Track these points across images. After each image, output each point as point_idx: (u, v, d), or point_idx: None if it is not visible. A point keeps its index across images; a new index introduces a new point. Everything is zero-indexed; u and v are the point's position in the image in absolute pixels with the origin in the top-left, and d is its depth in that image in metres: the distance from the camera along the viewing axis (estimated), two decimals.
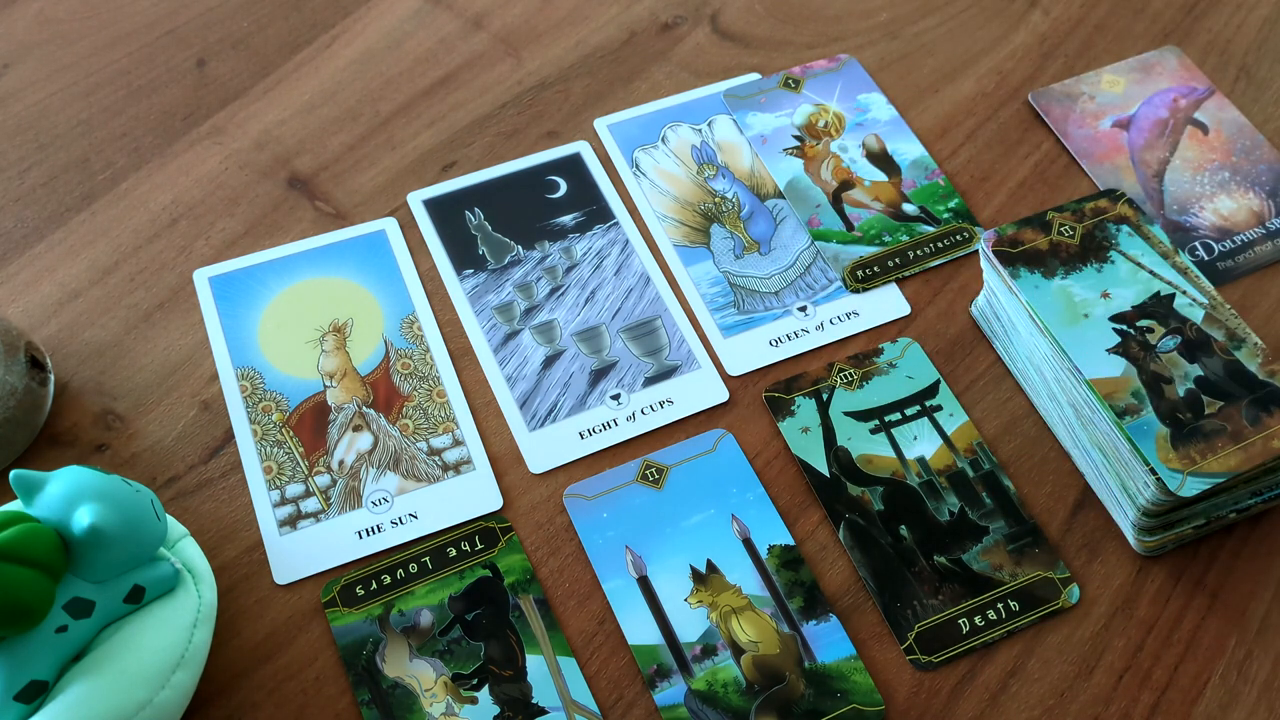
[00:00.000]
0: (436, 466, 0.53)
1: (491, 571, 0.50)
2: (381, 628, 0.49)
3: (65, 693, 0.42)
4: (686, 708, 0.47)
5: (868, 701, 0.47)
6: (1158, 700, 0.47)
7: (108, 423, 0.54)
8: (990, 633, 0.49)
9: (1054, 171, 0.64)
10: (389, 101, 0.66)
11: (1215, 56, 0.69)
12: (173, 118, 0.65)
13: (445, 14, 0.70)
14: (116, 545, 0.43)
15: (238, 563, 0.51)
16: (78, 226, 0.61)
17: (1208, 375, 0.49)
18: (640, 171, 0.63)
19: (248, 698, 0.47)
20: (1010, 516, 0.52)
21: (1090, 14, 0.71)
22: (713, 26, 0.70)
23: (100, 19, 0.70)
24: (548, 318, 0.58)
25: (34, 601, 0.40)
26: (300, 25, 0.70)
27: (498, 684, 0.47)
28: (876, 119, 0.66)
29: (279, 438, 0.54)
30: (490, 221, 0.62)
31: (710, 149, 0.64)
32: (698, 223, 0.62)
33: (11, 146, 0.64)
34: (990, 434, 0.54)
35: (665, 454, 0.54)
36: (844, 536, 0.51)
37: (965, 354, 0.57)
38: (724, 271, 0.60)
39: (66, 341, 0.57)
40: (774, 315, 0.58)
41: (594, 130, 0.65)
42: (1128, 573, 0.50)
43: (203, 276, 0.59)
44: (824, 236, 0.61)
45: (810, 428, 0.54)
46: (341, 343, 0.57)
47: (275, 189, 0.63)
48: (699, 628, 0.49)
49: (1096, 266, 0.52)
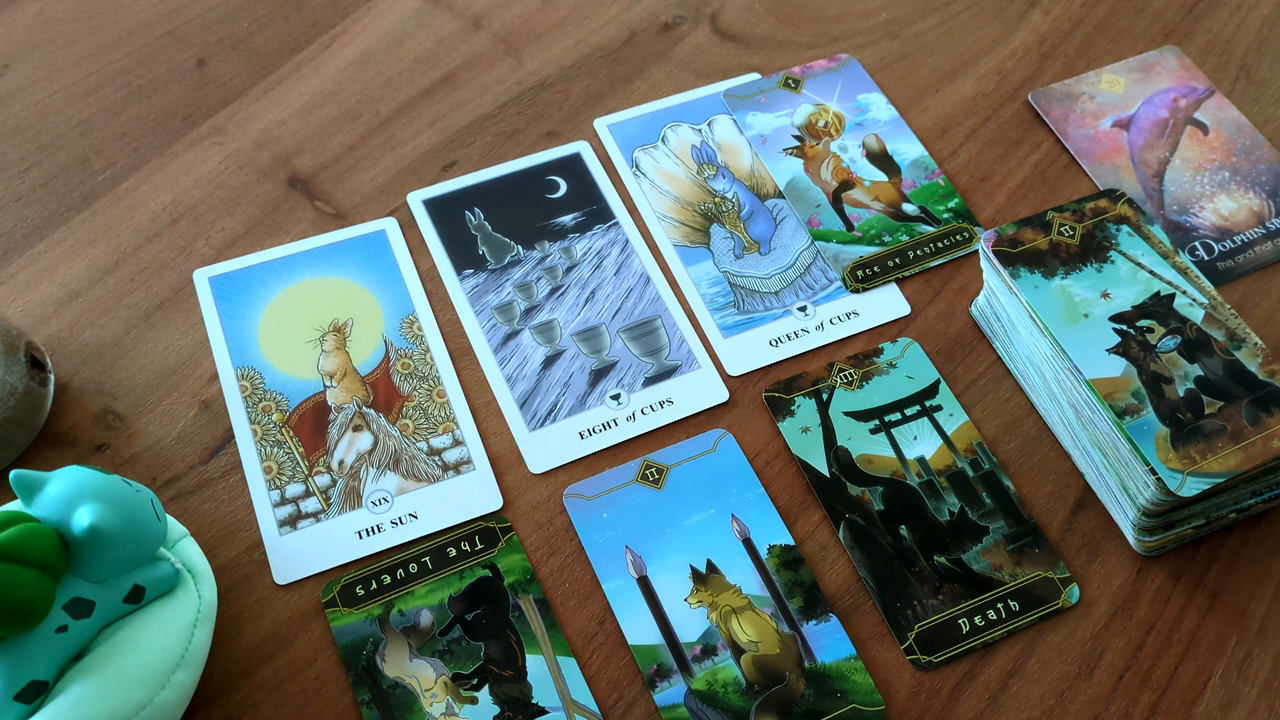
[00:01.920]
0: (436, 466, 0.53)
1: (491, 571, 0.50)
2: (381, 628, 0.49)
3: (65, 693, 0.42)
4: (686, 708, 0.47)
5: (868, 701, 0.47)
6: (1158, 700, 0.47)
7: (108, 423, 0.54)
8: (990, 633, 0.49)
9: (1054, 171, 0.64)
10: (389, 101, 0.66)
11: (1215, 56, 0.69)
12: (173, 118, 0.65)
13: (445, 14, 0.70)
14: (116, 545, 0.43)
15: (238, 563, 0.51)
16: (78, 226, 0.61)
17: (1208, 375, 0.49)
18: (640, 171, 0.63)
19: (248, 697, 0.47)
20: (1010, 516, 0.52)
21: (1090, 14, 0.71)
22: (713, 26, 0.70)
23: (100, 19, 0.70)
24: (548, 318, 0.58)
25: (34, 601, 0.40)
26: (300, 25, 0.70)
27: (498, 684, 0.47)
28: (876, 119, 0.66)
29: (279, 438, 0.54)
30: (490, 221, 0.62)
31: (710, 149, 0.64)
32: (698, 223, 0.62)
33: (11, 146, 0.64)
34: (990, 434, 0.54)
35: (665, 454, 0.54)
36: (844, 536, 0.51)
37: (965, 354, 0.57)
38: (724, 271, 0.60)
39: (66, 341, 0.57)
40: (774, 315, 0.58)
41: (594, 130, 0.65)
42: (1128, 573, 0.50)
43: (203, 276, 0.59)
44: (824, 236, 0.61)
45: (810, 428, 0.54)
46: (341, 343, 0.57)
47: (275, 189, 0.63)
48: (699, 628, 0.49)
49: (1096, 266, 0.52)
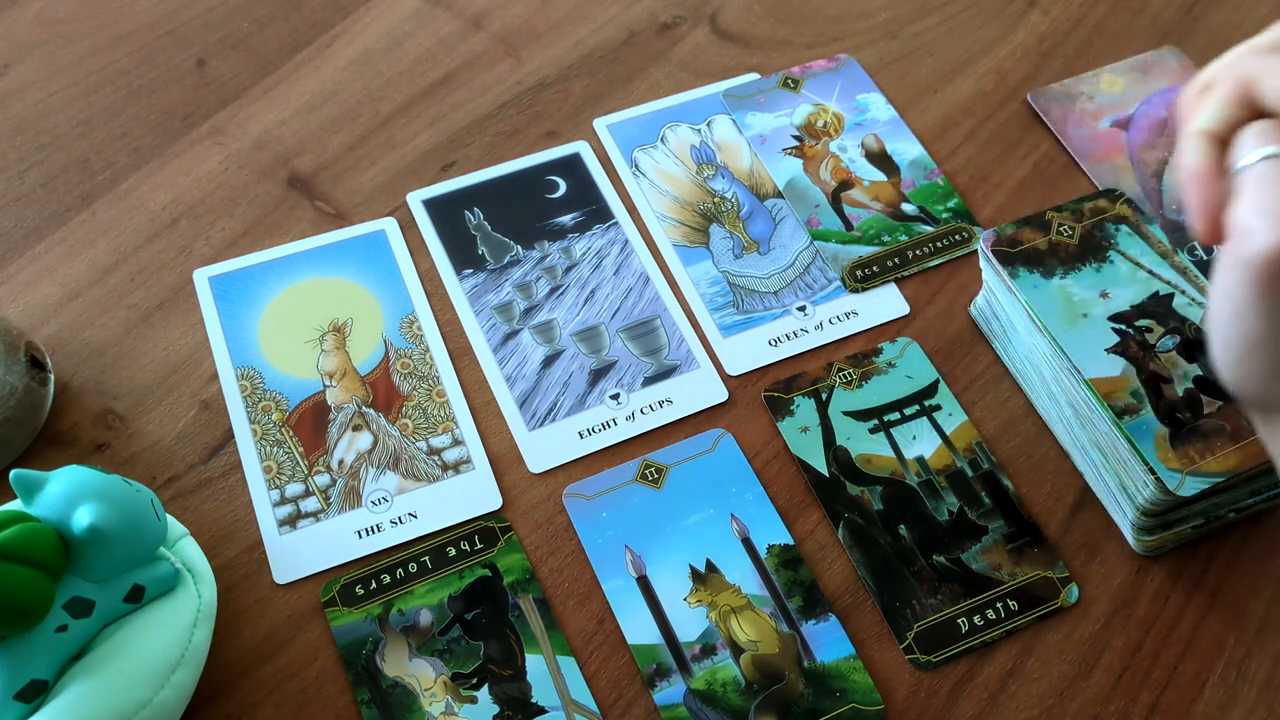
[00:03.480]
0: (436, 466, 0.53)
1: (491, 571, 0.50)
2: (381, 627, 0.49)
3: (65, 692, 0.42)
4: (686, 707, 0.47)
5: (867, 701, 0.47)
6: (1157, 700, 0.47)
7: (108, 422, 0.55)
8: (989, 632, 0.49)
9: (1053, 171, 0.64)
10: (389, 101, 0.66)
11: (1214, 56, 0.68)
12: (173, 118, 0.66)
13: (445, 14, 0.70)
14: (116, 545, 0.43)
15: (238, 562, 0.51)
16: (78, 226, 0.61)
17: (1206, 375, 0.49)
18: (640, 172, 0.63)
19: (248, 697, 0.47)
20: (1009, 516, 0.52)
21: (1089, 14, 0.71)
22: (712, 26, 0.70)
23: (100, 19, 0.70)
24: (547, 317, 0.58)
25: (34, 601, 0.40)
26: (300, 25, 0.70)
27: (497, 683, 0.47)
28: (875, 119, 0.66)
29: (279, 437, 0.54)
30: (490, 221, 0.62)
31: (709, 149, 0.64)
32: (697, 222, 0.62)
33: (11, 146, 0.64)
34: (989, 434, 0.54)
35: (664, 454, 0.54)
36: (843, 536, 0.51)
37: (964, 354, 0.57)
38: (723, 271, 0.60)
39: (66, 341, 0.57)
40: (773, 315, 0.58)
41: (593, 130, 0.65)
42: (1127, 572, 0.50)
43: (203, 276, 0.59)
44: (823, 236, 0.61)
45: (809, 427, 0.54)
46: (341, 342, 0.57)
47: (275, 189, 0.63)
48: (698, 627, 0.49)
49: (1095, 266, 0.52)
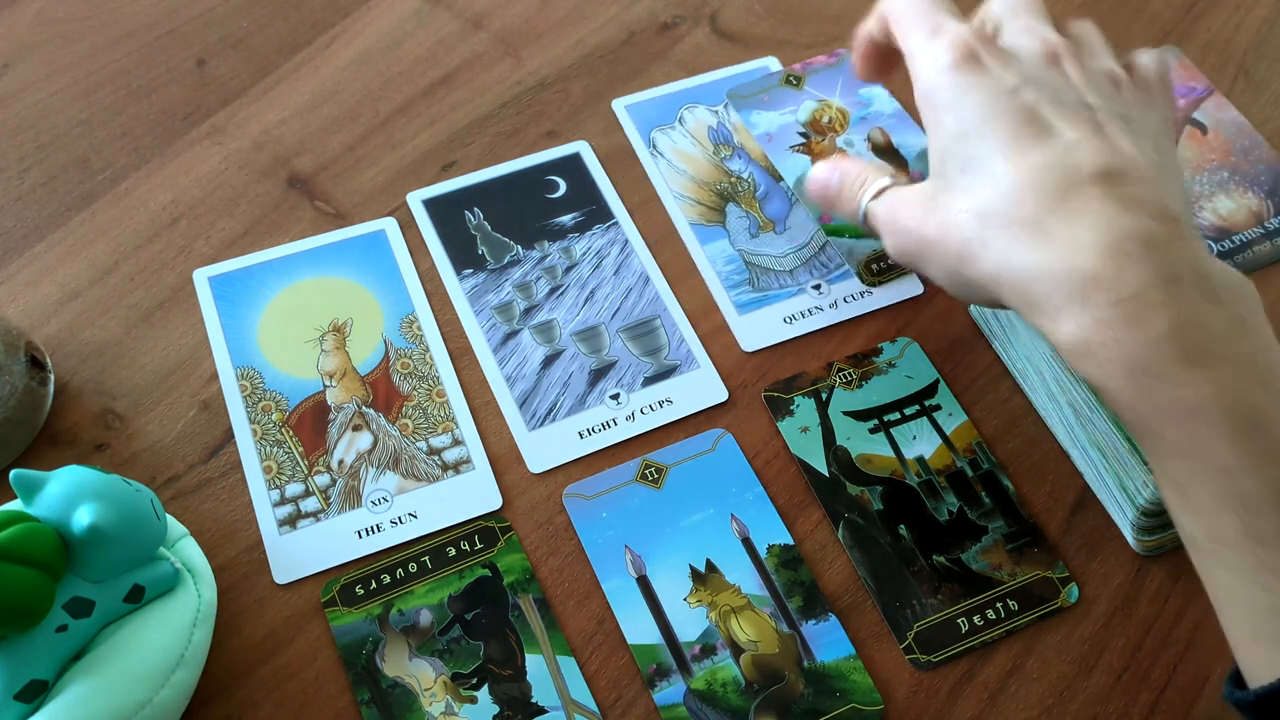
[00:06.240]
0: (436, 466, 0.53)
1: (491, 571, 0.50)
2: (381, 627, 0.49)
3: (65, 692, 0.42)
4: (686, 707, 0.47)
5: (867, 701, 0.47)
6: (1157, 700, 0.47)
7: (108, 422, 0.55)
8: (989, 632, 0.49)
9: None
10: (389, 101, 0.66)
11: (1214, 56, 0.69)
12: (173, 118, 0.66)
13: (445, 14, 0.70)
14: (116, 545, 0.43)
15: (237, 562, 0.51)
16: (78, 226, 0.61)
17: None
18: (658, 151, 0.64)
19: (247, 697, 0.47)
20: (1009, 516, 0.52)
21: (1089, 14, 0.71)
22: (712, 26, 0.70)
23: (100, 19, 0.70)
24: (547, 317, 0.58)
25: (34, 601, 0.40)
26: (300, 25, 0.70)
27: (497, 683, 0.48)
28: (880, 112, 0.66)
29: (279, 437, 0.54)
30: (490, 221, 0.62)
31: (726, 130, 0.65)
32: (714, 202, 0.62)
33: (11, 146, 0.64)
34: (989, 433, 0.54)
35: (664, 453, 0.54)
36: (843, 536, 0.51)
37: (964, 353, 0.57)
38: (739, 250, 0.60)
39: (66, 341, 0.57)
40: (789, 293, 0.59)
41: (611, 112, 0.65)
42: (1127, 572, 0.50)
43: (203, 276, 0.59)
44: (837, 232, 0.61)
45: (809, 427, 0.54)
46: (341, 342, 0.57)
47: (275, 189, 0.63)
48: (698, 627, 0.49)
49: None
